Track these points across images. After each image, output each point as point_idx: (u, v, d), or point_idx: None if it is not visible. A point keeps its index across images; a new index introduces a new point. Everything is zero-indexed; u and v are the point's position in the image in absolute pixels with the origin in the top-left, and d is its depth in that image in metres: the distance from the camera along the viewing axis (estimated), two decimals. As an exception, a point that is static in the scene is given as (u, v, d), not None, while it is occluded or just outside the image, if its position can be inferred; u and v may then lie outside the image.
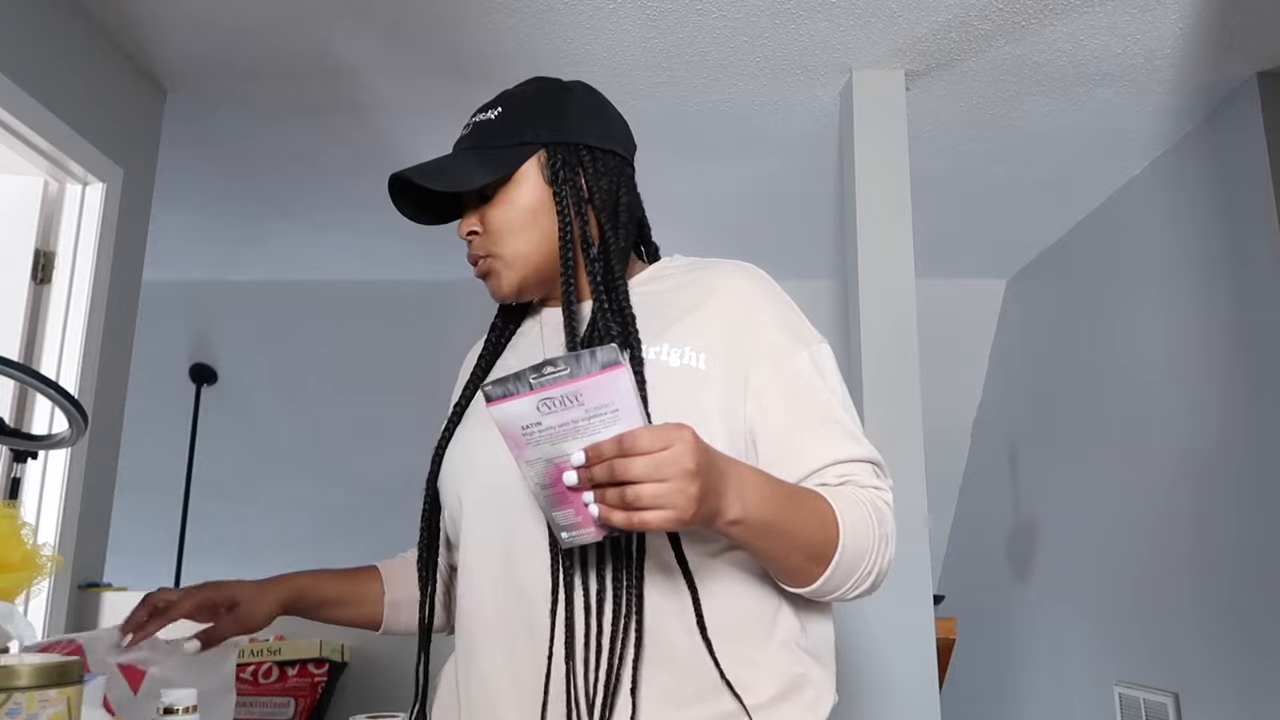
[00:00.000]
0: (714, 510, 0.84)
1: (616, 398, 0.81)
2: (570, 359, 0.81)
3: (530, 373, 0.81)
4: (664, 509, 0.79)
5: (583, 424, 0.82)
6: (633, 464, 0.79)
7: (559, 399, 0.81)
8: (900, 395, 2.41)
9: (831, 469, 0.98)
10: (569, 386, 0.81)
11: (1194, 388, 2.77)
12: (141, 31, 2.39)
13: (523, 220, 1.07)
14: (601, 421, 0.81)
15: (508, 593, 0.99)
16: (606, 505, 0.81)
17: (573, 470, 0.82)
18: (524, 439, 0.84)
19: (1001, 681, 3.96)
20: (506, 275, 1.08)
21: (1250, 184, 2.53)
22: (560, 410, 0.82)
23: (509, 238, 1.07)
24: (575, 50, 2.45)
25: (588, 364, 0.80)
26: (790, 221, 3.50)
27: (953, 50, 2.44)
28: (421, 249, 3.70)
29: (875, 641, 2.28)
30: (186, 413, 4.19)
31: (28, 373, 1.35)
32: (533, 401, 0.82)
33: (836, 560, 0.92)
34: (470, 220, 1.09)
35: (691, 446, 0.80)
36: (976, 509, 4.28)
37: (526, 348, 1.14)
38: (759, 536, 0.89)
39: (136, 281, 2.52)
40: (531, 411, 0.82)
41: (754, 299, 1.05)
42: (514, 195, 1.07)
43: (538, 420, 0.82)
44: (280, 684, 2.06)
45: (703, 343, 1.01)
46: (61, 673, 0.78)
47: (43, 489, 2.17)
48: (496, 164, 1.06)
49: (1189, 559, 2.76)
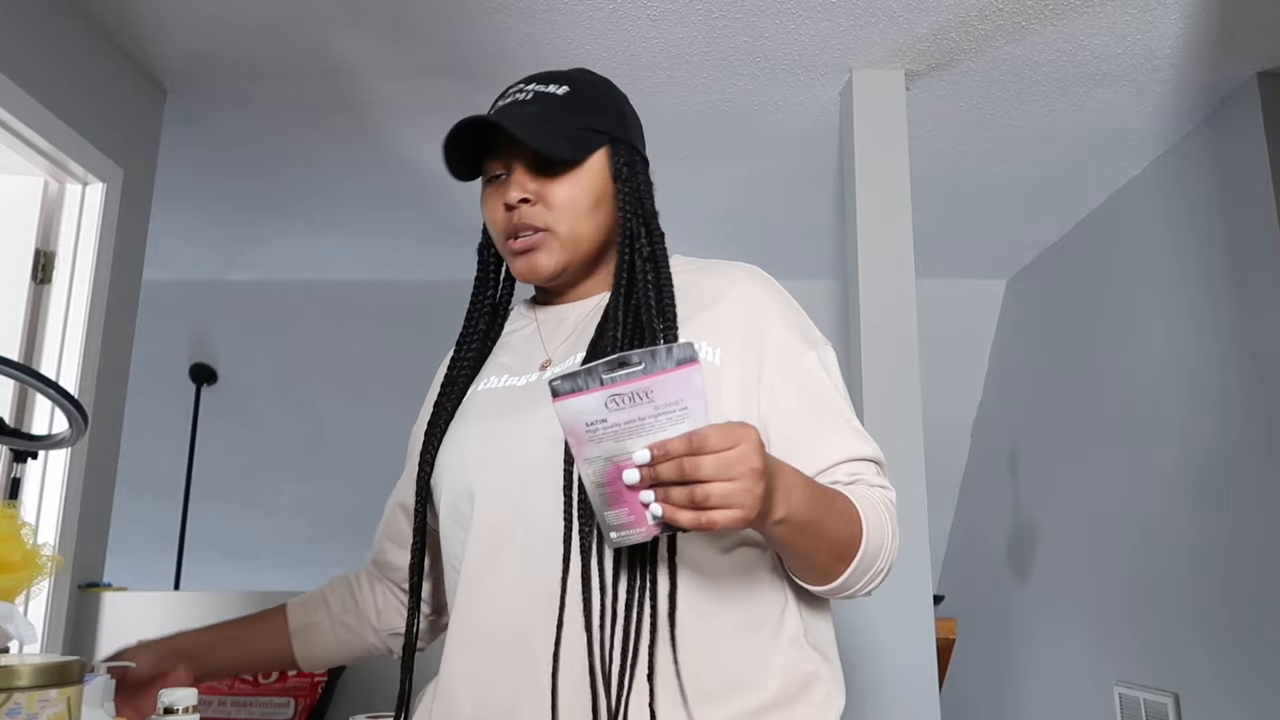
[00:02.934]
0: (768, 509, 0.84)
1: (687, 395, 0.80)
2: (646, 354, 0.79)
3: (603, 368, 0.80)
4: (733, 509, 0.79)
5: (649, 421, 0.80)
6: (703, 462, 0.78)
7: (629, 395, 0.80)
8: (900, 395, 2.41)
9: (843, 466, 1.00)
10: (642, 383, 0.79)
11: (1194, 388, 2.77)
12: (141, 31, 2.39)
13: (588, 205, 1.07)
14: (669, 419, 0.80)
15: (519, 582, 0.97)
16: (672, 504, 0.80)
17: (635, 469, 0.80)
18: (588, 435, 0.82)
19: (1001, 681, 3.95)
20: (557, 254, 1.06)
21: (1250, 184, 2.53)
22: (629, 407, 0.80)
23: (573, 218, 1.06)
24: (576, 50, 2.45)
25: (663, 360, 0.79)
26: (790, 221, 3.50)
27: (953, 50, 2.45)
28: (421, 249, 3.70)
29: (875, 641, 2.28)
30: (186, 413, 4.19)
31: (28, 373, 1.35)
32: (602, 397, 0.80)
33: (859, 559, 0.94)
34: (526, 187, 1.05)
35: (757, 445, 0.81)
36: (976, 509, 4.28)
37: (523, 345, 1.12)
38: (798, 535, 0.90)
39: (136, 281, 2.52)
40: (599, 408, 0.80)
41: (764, 300, 1.07)
42: (584, 178, 1.07)
43: (604, 417, 0.81)
44: (280, 684, 2.07)
45: (717, 339, 1.02)
46: (61, 673, 0.78)
47: (43, 489, 2.17)
48: (577, 143, 1.06)
49: (1189, 559, 2.76)
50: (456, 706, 0.98)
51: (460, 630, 1.01)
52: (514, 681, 0.94)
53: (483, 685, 0.97)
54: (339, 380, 4.21)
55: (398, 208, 3.39)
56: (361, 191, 3.29)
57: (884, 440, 1.07)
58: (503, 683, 0.95)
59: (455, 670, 0.99)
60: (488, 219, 1.10)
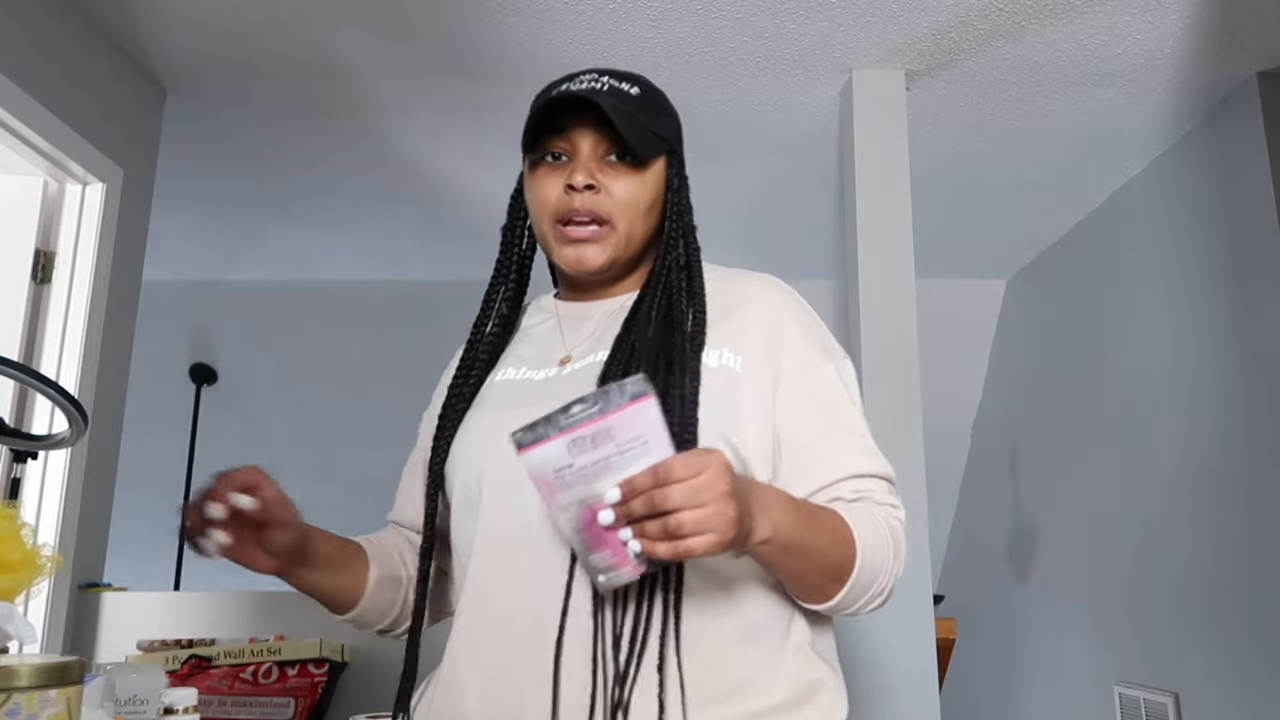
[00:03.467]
0: (748, 530, 0.85)
1: (645, 429, 0.81)
2: (599, 395, 0.81)
3: (559, 414, 0.81)
4: (706, 533, 0.80)
5: (614, 459, 0.81)
6: (670, 493, 0.79)
7: (590, 437, 0.81)
8: (900, 395, 2.41)
9: (849, 482, 1.01)
10: (600, 423, 0.81)
11: (1193, 387, 2.77)
12: (141, 31, 2.39)
13: (647, 206, 1.08)
14: (632, 455, 0.81)
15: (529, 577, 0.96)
16: (649, 539, 0.81)
17: (608, 509, 0.81)
18: (557, 482, 0.83)
19: (1001, 681, 3.95)
20: (609, 249, 1.06)
21: (1250, 184, 2.53)
22: (591, 449, 0.81)
23: (633, 215, 1.06)
24: (576, 50, 2.45)
25: (616, 398, 0.81)
26: (790, 221, 3.50)
27: (953, 50, 2.44)
28: (421, 249, 3.70)
29: (876, 641, 2.28)
30: (186, 413, 4.19)
31: (28, 373, 1.35)
32: (564, 443, 0.81)
33: (853, 579, 0.95)
34: (594, 175, 1.05)
35: (724, 468, 0.81)
36: (976, 509, 4.28)
37: (543, 339, 1.12)
38: (785, 555, 0.91)
39: (136, 281, 2.52)
40: (563, 454, 0.82)
41: (784, 311, 1.08)
42: (647, 179, 1.08)
43: (569, 462, 0.82)
44: (280, 684, 2.07)
45: (738, 347, 1.03)
46: (61, 673, 0.78)
47: (43, 489, 2.17)
48: (649, 143, 1.06)
49: (1189, 559, 2.76)
50: (460, 698, 0.98)
51: (467, 622, 1.00)
52: (522, 676, 0.94)
53: (489, 679, 0.96)
54: (339, 380, 4.20)
55: (398, 208, 3.39)
56: (362, 191, 3.29)
57: (884, 440, 1.07)
58: (510, 677, 0.95)
59: (460, 662, 0.99)
60: (537, 197, 1.08)
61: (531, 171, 1.09)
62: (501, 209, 1.17)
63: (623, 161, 1.06)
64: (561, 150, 1.07)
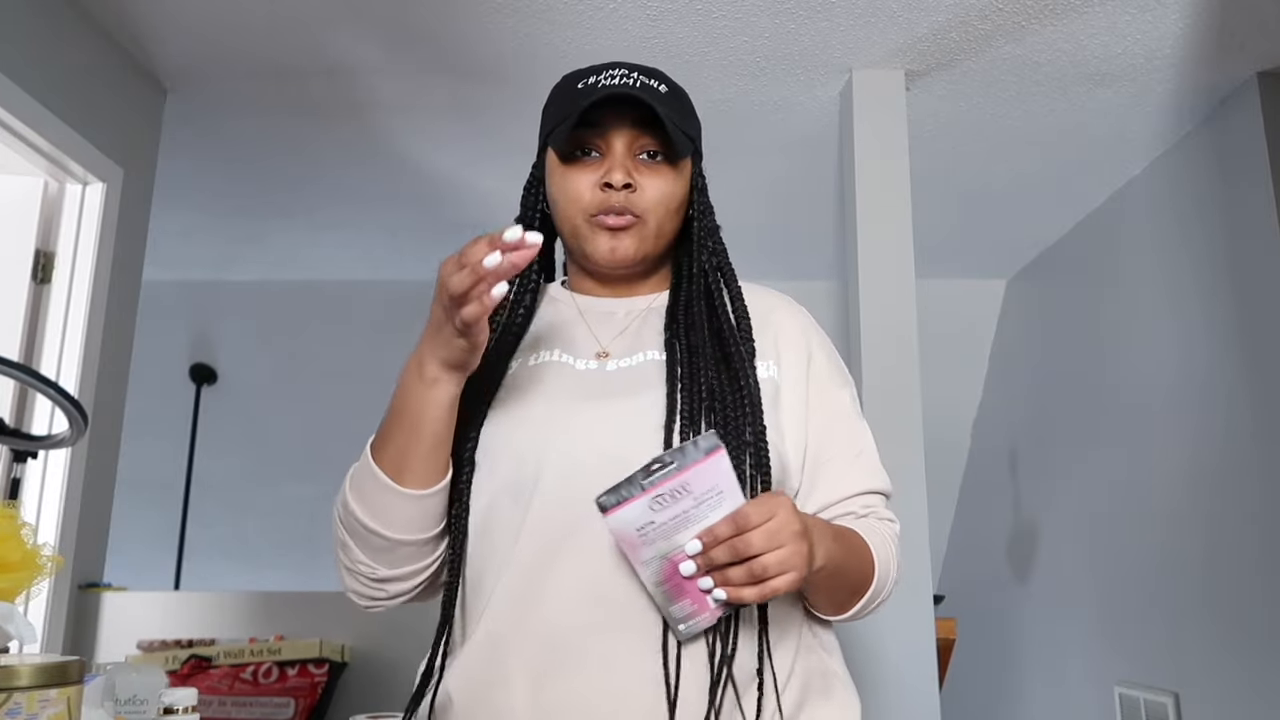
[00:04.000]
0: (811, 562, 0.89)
1: (719, 480, 0.85)
2: (675, 453, 0.85)
3: (639, 475, 0.85)
4: (788, 573, 0.84)
5: (692, 512, 0.86)
6: (751, 539, 0.83)
7: (669, 493, 0.85)
8: (900, 395, 2.41)
9: (860, 498, 1.07)
10: (679, 479, 0.85)
11: (1194, 387, 2.77)
12: (141, 31, 2.39)
13: (675, 206, 1.09)
14: (709, 506, 0.86)
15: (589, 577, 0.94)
16: (733, 585, 0.85)
17: (689, 560, 0.86)
18: (640, 540, 0.87)
19: (1001, 681, 3.95)
20: (643, 241, 1.07)
21: (1250, 184, 2.53)
22: (671, 504, 0.86)
23: (664, 213, 1.08)
24: (575, 50, 2.45)
25: (693, 454, 0.85)
26: (790, 221, 3.50)
27: (953, 50, 2.44)
28: (421, 249, 3.70)
29: (875, 641, 2.28)
30: (186, 413, 4.19)
31: (28, 373, 1.35)
32: (646, 501, 0.85)
33: (871, 592, 1.01)
34: (630, 174, 1.05)
35: (792, 509, 0.86)
36: (976, 509, 4.28)
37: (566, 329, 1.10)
38: (828, 579, 0.95)
39: (136, 281, 2.52)
40: (645, 512, 0.86)
41: (808, 328, 1.13)
42: (678, 178, 1.09)
43: (651, 519, 0.86)
44: (280, 684, 2.07)
45: (775, 357, 1.07)
46: (61, 673, 0.78)
47: (43, 489, 2.17)
48: (683, 142, 1.07)
49: (1189, 559, 2.76)
50: (507, 696, 0.94)
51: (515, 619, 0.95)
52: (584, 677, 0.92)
53: (546, 680, 0.93)
54: (339, 380, 4.20)
55: (398, 208, 3.39)
56: (362, 191, 3.29)
57: (884, 440, 1.11)
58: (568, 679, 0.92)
59: (512, 662, 0.94)
60: (569, 193, 1.06)
61: (562, 165, 1.08)
62: (502, 208, 1.17)
63: (654, 160, 1.07)
64: (594, 146, 1.07)
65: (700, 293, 1.08)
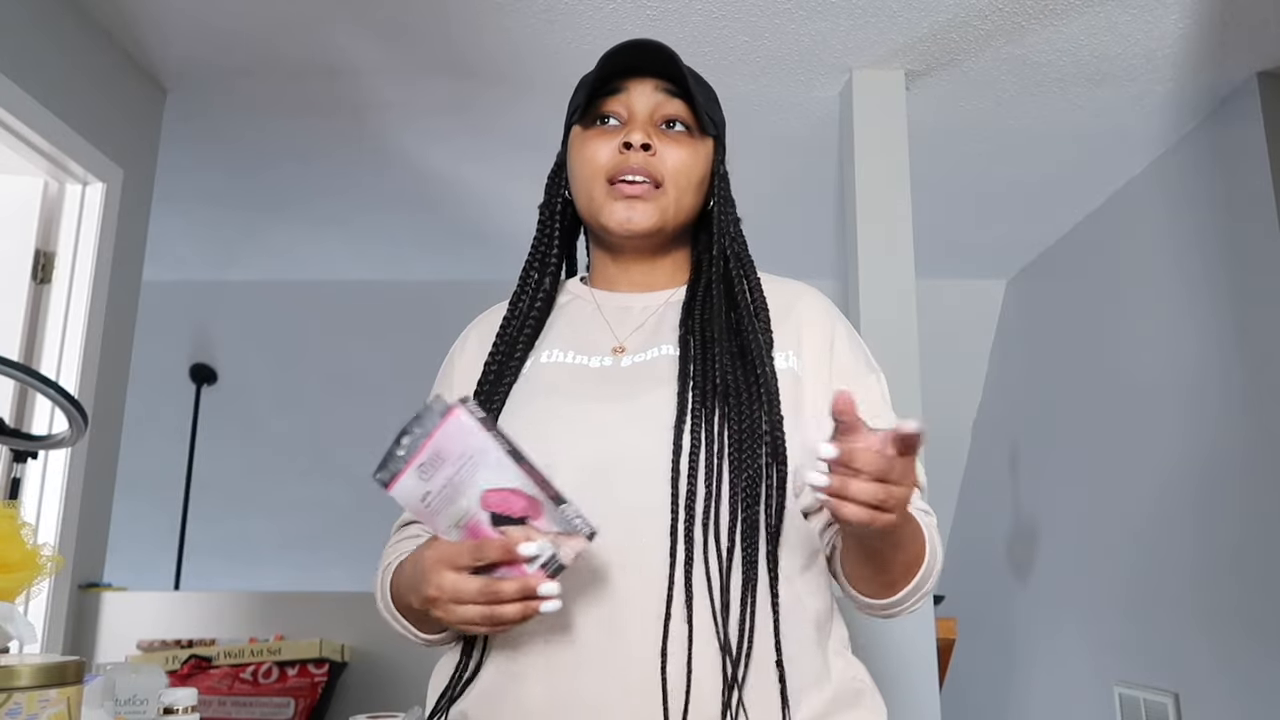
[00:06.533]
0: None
1: (469, 441, 0.82)
2: (415, 421, 0.83)
3: (393, 448, 0.83)
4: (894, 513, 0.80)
5: (461, 477, 0.83)
6: (895, 465, 0.78)
7: (428, 462, 0.83)
8: (900, 395, 2.40)
9: None
10: (428, 448, 0.82)
11: (1194, 387, 2.77)
12: (141, 31, 2.39)
13: (696, 180, 1.07)
14: (473, 467, 0.83)
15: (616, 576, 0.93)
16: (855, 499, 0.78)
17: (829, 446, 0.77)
18: (427, 510, 0.85)
19: (1001, 681, 3.95)
20: (661, 211, 1.05)
21: (1250, 184, 2.53)
22: (435, 472, 0.83)
23: (684, 184, 1.06)
24: (575, 50, 2.45)
25: (430, 420, 0.83)
26: (790, 221, 3.50)
27: (953, 50, 2.45)
28: (420, 249, 3.70)
29: (875, 641, 2.28)
30: (186, 413, 4.19)
31: (28, 373, 1.35)
32: (414, 473, 0.83)
33: (922, 573, 0.97)
34: (650, 136, 1.04)
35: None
36: (976, 509, 4.28)
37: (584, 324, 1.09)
38: (893, 547, 0.91)
39: (136, 281, 2.53)
40: (419, 483, 0.83)
41: (831, 317, 1.10)
42: (700, 153, 1.08)
43: (427, 489, 0.83)
44: (280, 684, 2.07)
45: (796, 348, 1.05)
46: (61, 673, 0.78)
47: (43, 489, 2.17)
48: (702, 112, 1.06)
49: (1189, 559, 2.76)
50: (523, 690, 0.93)
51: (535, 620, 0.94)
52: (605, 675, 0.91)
53: (565, 677, 0.92)
54: (339, 380, 4.21)
55: (398, 208, 3.39)
56: (361, 191, 3.29)
57: None
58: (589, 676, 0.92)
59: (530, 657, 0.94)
60: (586, 157, 1.06)
61: (583, 133, 1.08)
62: (502, 208, 1.17)
63: (675, 130, 1.06)
64: (614, 113, 1.07)
65: (720, 282, 1.06)
